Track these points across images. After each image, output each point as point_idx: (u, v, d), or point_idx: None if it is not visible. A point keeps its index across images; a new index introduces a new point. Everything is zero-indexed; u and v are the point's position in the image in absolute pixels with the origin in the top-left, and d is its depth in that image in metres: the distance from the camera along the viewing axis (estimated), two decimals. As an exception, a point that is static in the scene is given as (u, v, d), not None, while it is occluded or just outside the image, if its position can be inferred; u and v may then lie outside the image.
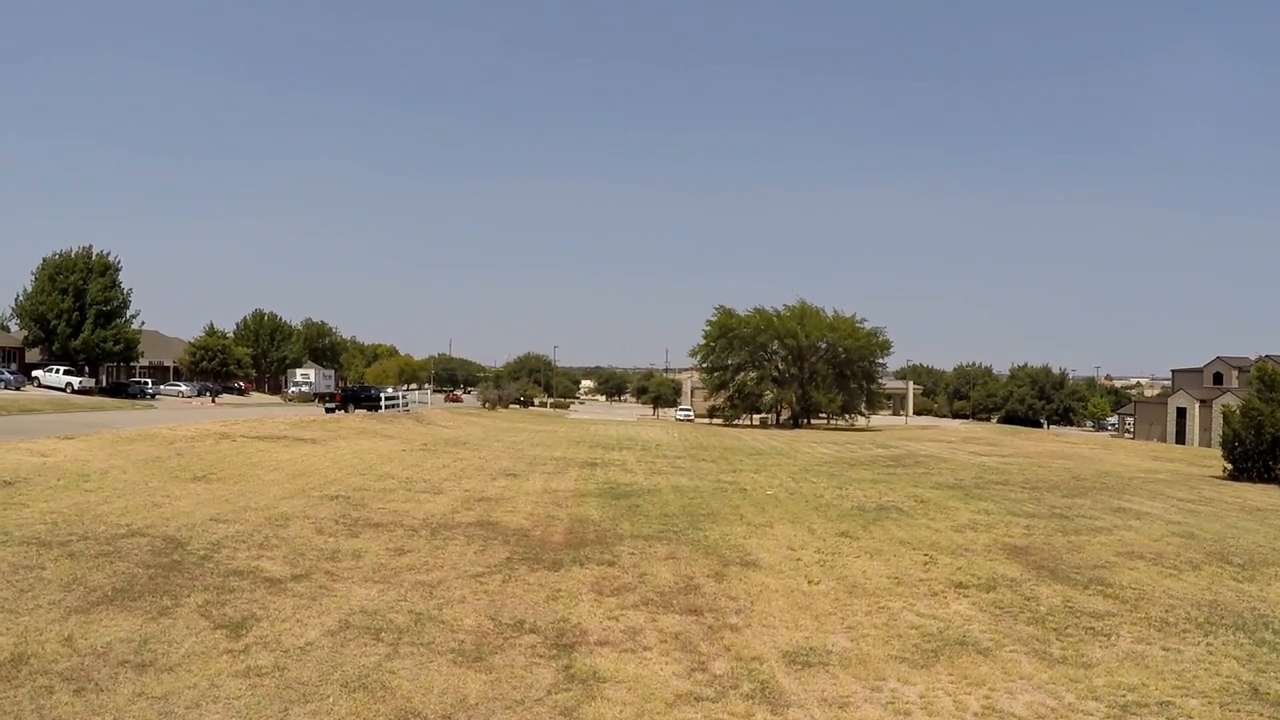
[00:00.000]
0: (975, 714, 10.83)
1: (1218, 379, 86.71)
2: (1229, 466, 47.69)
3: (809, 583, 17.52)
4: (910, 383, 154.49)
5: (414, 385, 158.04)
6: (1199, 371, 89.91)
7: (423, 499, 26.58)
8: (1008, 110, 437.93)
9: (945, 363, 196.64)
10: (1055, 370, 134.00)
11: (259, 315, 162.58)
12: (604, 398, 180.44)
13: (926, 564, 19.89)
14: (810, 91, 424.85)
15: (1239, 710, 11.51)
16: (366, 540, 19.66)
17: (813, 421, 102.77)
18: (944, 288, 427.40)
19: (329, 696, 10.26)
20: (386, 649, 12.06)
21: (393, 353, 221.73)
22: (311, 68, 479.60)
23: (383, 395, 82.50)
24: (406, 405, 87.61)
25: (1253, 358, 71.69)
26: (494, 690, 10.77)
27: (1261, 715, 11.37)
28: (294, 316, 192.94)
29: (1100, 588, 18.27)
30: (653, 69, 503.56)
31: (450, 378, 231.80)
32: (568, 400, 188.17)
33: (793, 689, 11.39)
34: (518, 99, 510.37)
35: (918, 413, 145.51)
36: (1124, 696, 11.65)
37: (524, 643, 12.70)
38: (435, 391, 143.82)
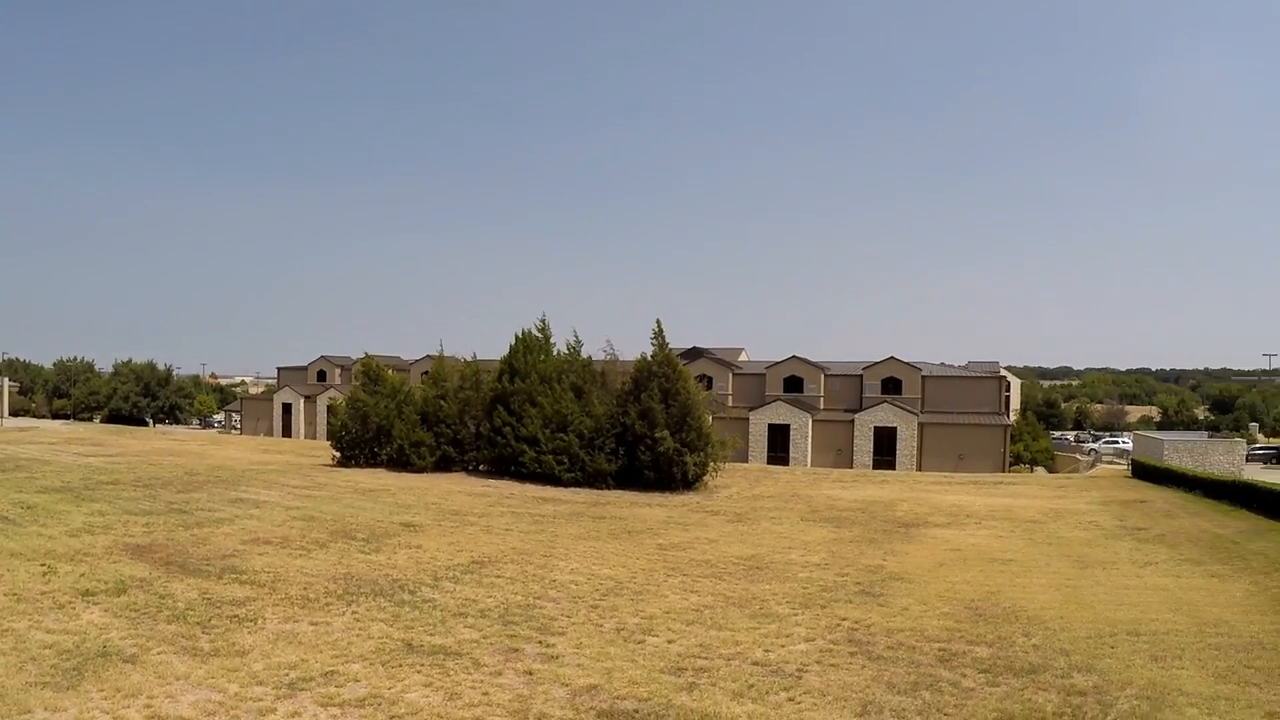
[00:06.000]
0: (139, 727, 9.60)
1: (321, 376, 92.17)
2: (338, 454, 50.57)
3: (-110, 615, 14.27)
4: (6, 379, 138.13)
5: None
6: (304, 369, 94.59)
7: None
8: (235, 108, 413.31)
9: (45, 358, 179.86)
10: (161, 367, 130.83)
11: None
12: None
13: (46, 575, 17.54)
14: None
15: (400, 665, 12.02)
16: None
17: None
18: (43, 277, 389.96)
19: None
20: None
21: None
22: None
23: None
24: None
25: (354, 357, 76.89)
26: None
27: (421, 666, 12.00)
28: None
29: (235, 575, 17.95)
30: None
31: None
32: None
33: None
34: None
35: (14, 413, 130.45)
36: (287, 675, 11.37)
37: None
38: None
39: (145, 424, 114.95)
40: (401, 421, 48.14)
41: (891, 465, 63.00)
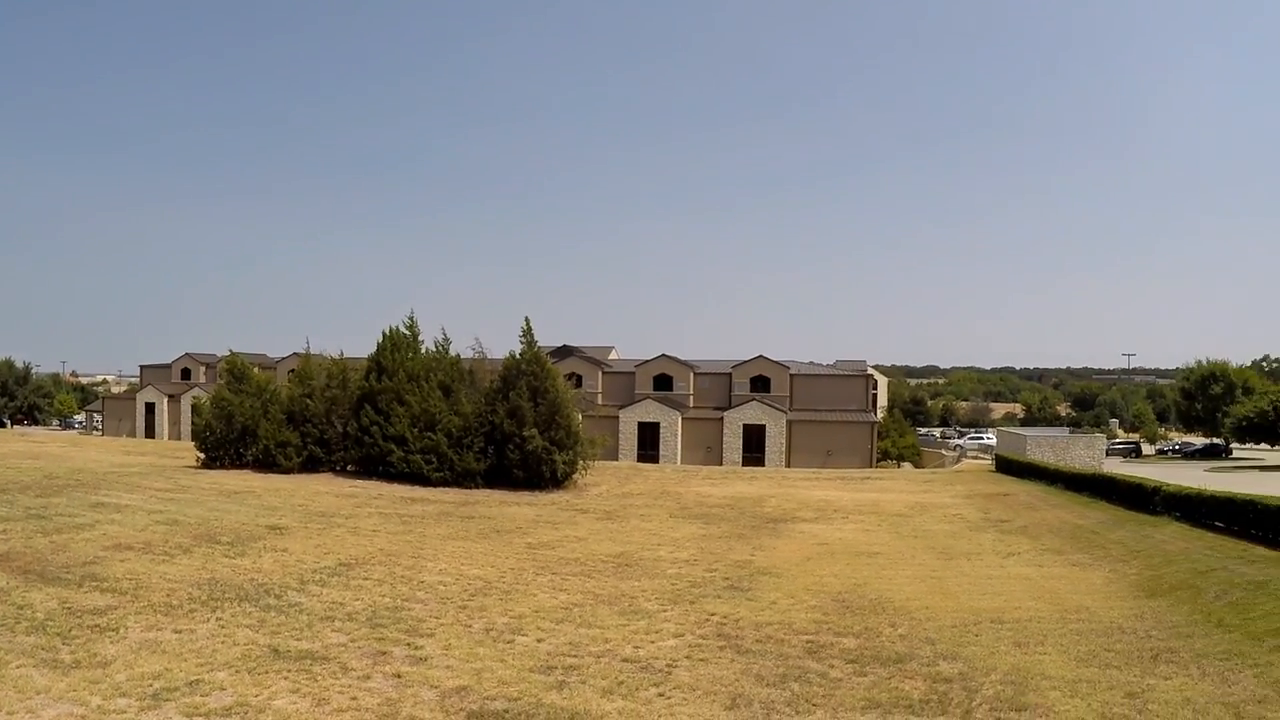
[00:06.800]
0: (-10, 745, 9.38)
1: (186, 374, 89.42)
2: (203, 455, 48.95)
3: None
4: None
5: None
6: (168, 367, 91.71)
7: None
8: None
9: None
10: (18, 364, 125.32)
11: None
12: None
13: (-104, 587, 16.84)
14: None
15: (267, 671, 11.93)
16: None
17: None
18: None
19: None
20: None
21: None
22: None
23: None
24: None
25: (220, 354, 74.83)
26: None
27: (288, 672, 11.95)
28: None
29: (96, 583, 17.46)
30: None
31: None
32: None
33: None
34: None
35: None
36: (151, 685, 11.19)
37: None
38: None
39: (2, 425, 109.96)
40: (267, 421, 46.94)
41: (760, 462, 64.25)
